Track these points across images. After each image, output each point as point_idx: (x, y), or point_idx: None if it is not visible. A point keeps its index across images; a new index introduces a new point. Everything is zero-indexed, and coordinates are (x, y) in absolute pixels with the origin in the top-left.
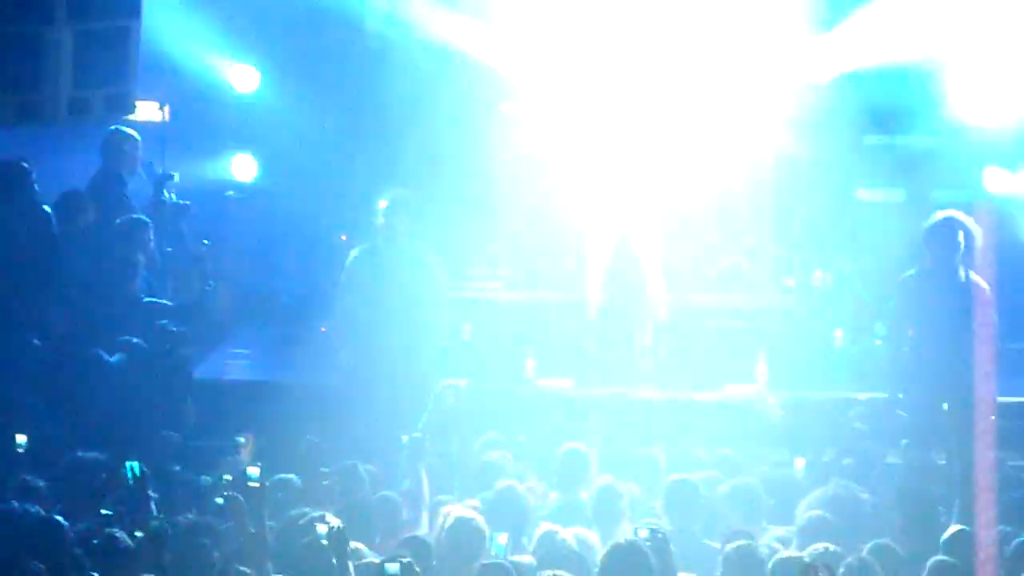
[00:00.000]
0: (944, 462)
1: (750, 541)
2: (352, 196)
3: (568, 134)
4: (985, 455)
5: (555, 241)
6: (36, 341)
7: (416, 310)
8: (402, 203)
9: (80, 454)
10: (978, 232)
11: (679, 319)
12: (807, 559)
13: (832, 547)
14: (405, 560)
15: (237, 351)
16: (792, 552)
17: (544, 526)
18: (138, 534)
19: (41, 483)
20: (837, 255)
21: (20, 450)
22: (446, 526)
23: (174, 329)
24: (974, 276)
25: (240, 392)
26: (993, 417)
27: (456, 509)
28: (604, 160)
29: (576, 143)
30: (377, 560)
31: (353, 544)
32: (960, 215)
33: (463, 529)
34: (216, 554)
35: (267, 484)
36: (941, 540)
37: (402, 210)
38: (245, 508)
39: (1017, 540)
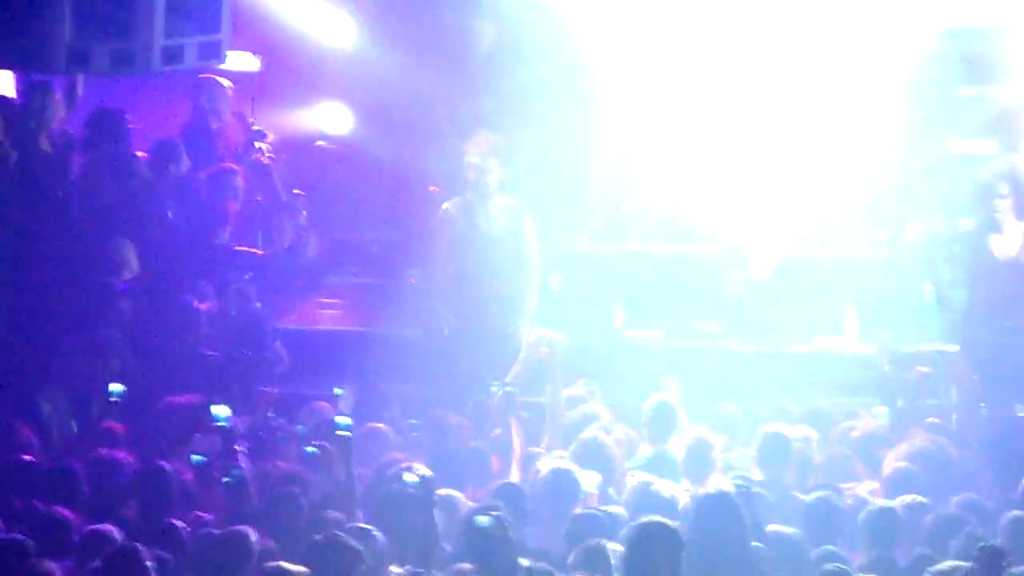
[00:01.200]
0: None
1: (830, 492)
2: (443, 148)
3: (660, 85)
4: None
5: (645, 192)
6: (122, 285)
7: (508, 271)
8: (492, 154)
9: (170, 399)
10: None
11: (769, 271)
12: (899, 510)
13: (921, 499)
14: (495, 512)
15: (328, 301)
16: (882, 502)
17: (637, 476)
18: (226, 479)
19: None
20: (929, 208)
21: (115, 399)
22: (541, 476)
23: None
24: None
25: (332, 342)
26: None
27: (551, 460)
28: (694, 108)
29: (668, 94)
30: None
31: (447, 491)
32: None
33: (558, 479)
34: (304, 501)
35: (356, 433)
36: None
37: (492, 163)
38: (335, 456)
39: None
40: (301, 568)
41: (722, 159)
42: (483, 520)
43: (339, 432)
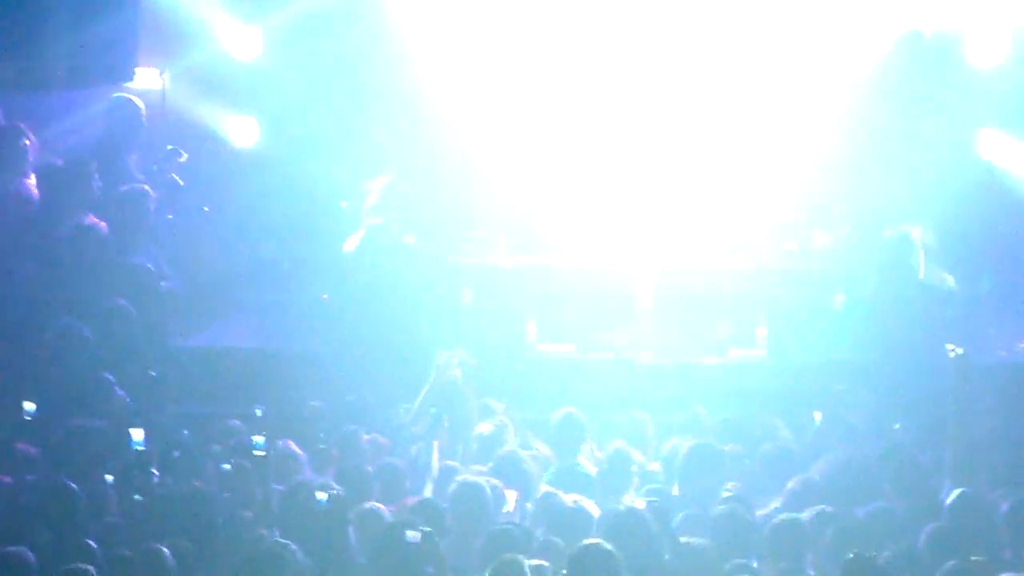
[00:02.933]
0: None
1: (739, 504)
2: (353, 162)
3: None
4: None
5: (556, 205)
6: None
7: (415, 291)
8: (391, 196)
9: (78, 423)
10: None
11: (679, 283)
12: (805, 520)
13: (827, 508)
14: (426, 528)
15: (238, 318)
16: (788, 514)
17: (543, 489)
18: (137, 497)
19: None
20: (838, 217)
21: (28, 418)
22: (456, 492)
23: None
24: None
25: (242, 359)
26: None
27: (466, 475)
28: (602, 120)
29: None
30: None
31: (372, 504)
32: None
33: (470, 494)
34: (220, 520)
35: (271, 452)
36: (946, 504)
37: (392, 205)
38: (251, 475)
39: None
40: None
41: (631, 172)
42: (414, 535)
43: (256, 452)
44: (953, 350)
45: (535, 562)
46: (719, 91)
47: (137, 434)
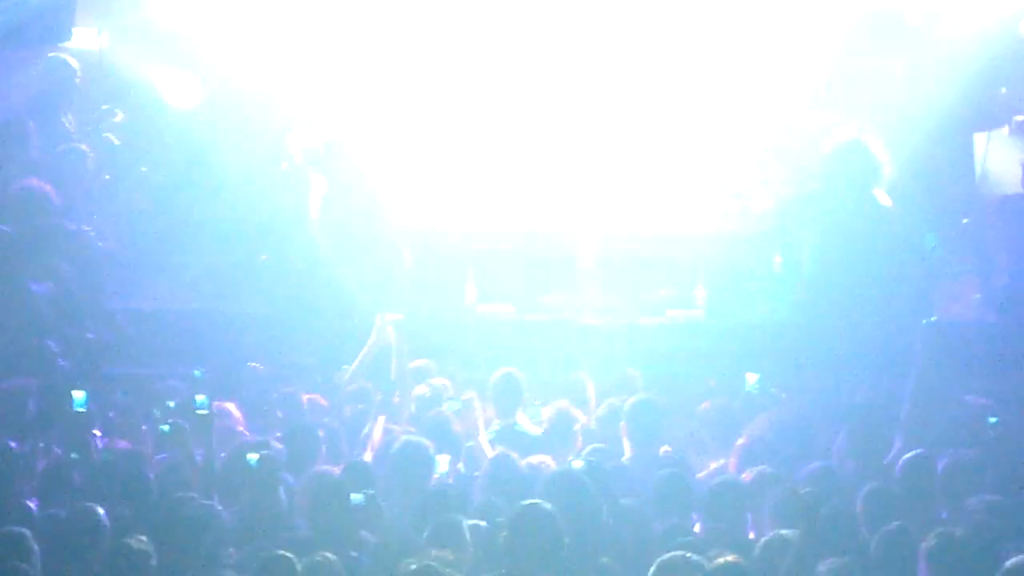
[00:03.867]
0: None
1: (676, 466)
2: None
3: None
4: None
5: (496, 167)
6: None
7: (360, 250)
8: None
9: (16, 383)
10: None
11: (618, 244)
12: (746, 481)
13: (768, 469)
14: (370, 492)
15: (176, 279)
16: (728, 475)
17: (497, 449)
18: (74, 456)
19: None
20: (777, 181)
21: None
22: (394, 450)
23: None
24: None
25: (182, 320)
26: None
27: (404, 434)
28: (542, 82)
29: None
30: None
31: (324, 468)
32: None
33: (408, 453)
34: (154, 480)
35: (212, 412)
36: (897, 465)
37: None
38: (190, 436)
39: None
40: (145, 545)
41: (570, 135)
42: (358, 498)
43: (198, 411)
44: (927, 319)
45: (473, 522)
46: (659, 54)
47: (78, 395)
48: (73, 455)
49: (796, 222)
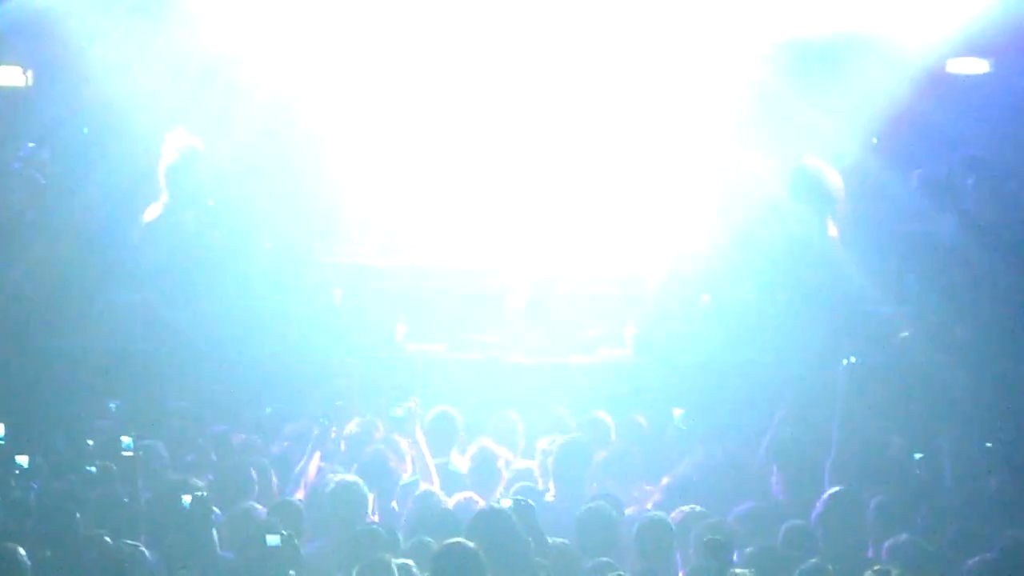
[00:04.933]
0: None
1: (604, 503)
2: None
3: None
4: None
5: (426, 205)
6: None
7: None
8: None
9: None
10: None
11: (549, 283)
12: (673, 520)
13: (698, 508)
14: (286, 533)
15: (106, 318)
16: (655, 513)
17: (422, 487)
18: None
19: None
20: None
21: None
22: (328, 490)
23: None
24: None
25: (107, 359)
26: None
27: (338, 474)
28: (473, 119)
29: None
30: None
31: (247, 504)
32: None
33: (345, 493)
34: (79, 519)
35: (139, 452)
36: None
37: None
38: (117, 476)
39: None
40: None
41: (502, 172)
42: (273, 540)
43: (124, 452)
44: (848, 360)
45: (402, 561)
46: (592, 95)
47: None
48: None
49: (738, 255)
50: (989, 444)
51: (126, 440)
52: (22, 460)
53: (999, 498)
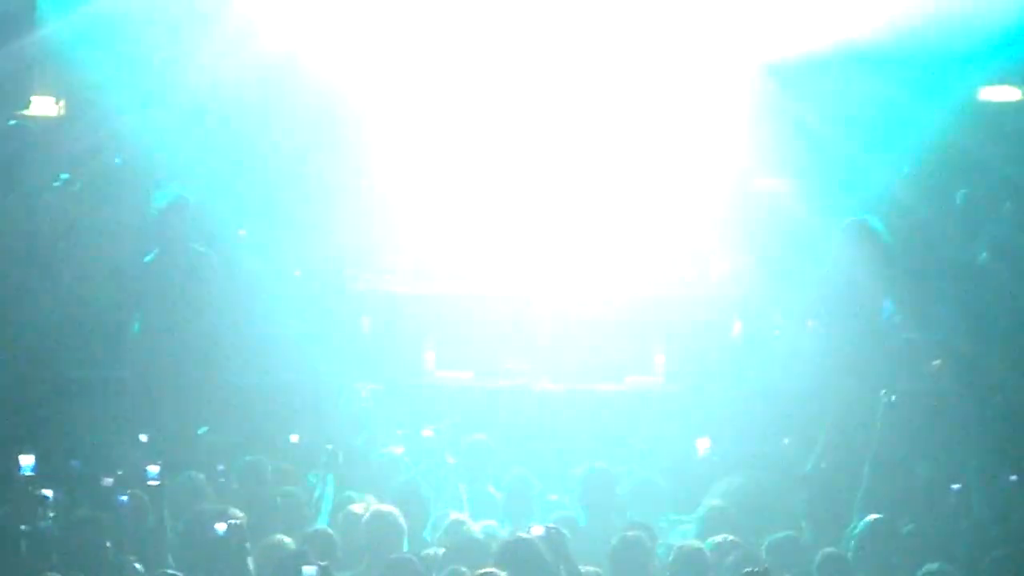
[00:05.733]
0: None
1: (639, 531)
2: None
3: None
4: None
5: (454, 232)
6: None
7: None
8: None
9: None
10: None
11: (577, 309)
12: (708, 549)
13: (732, 537)
14: (324, 563)
15: (136, 347)
16: (691, 542)
17: (452, 515)
18: (23, 527)
19: None
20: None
21: None
22: (362, 520)
23: None
24: None
25: (140, 388)
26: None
27: (373, 504)
28: (500, 146)
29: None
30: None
31: (277, 536)
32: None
33: (379, 523)
34: (110, 548)
35: (167, 481)
36: (854, 532)
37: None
38: (146, 505)
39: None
40: None
41: (529, 199)
42: (310, 571)
43: (150, 481)
44: (887, 395)
45: None
46: (618, 119)
47: (26, 460)
48: (24, 528)
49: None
50: (1014, 477)
51: (152, 470)
52: (48, 492)
53: None
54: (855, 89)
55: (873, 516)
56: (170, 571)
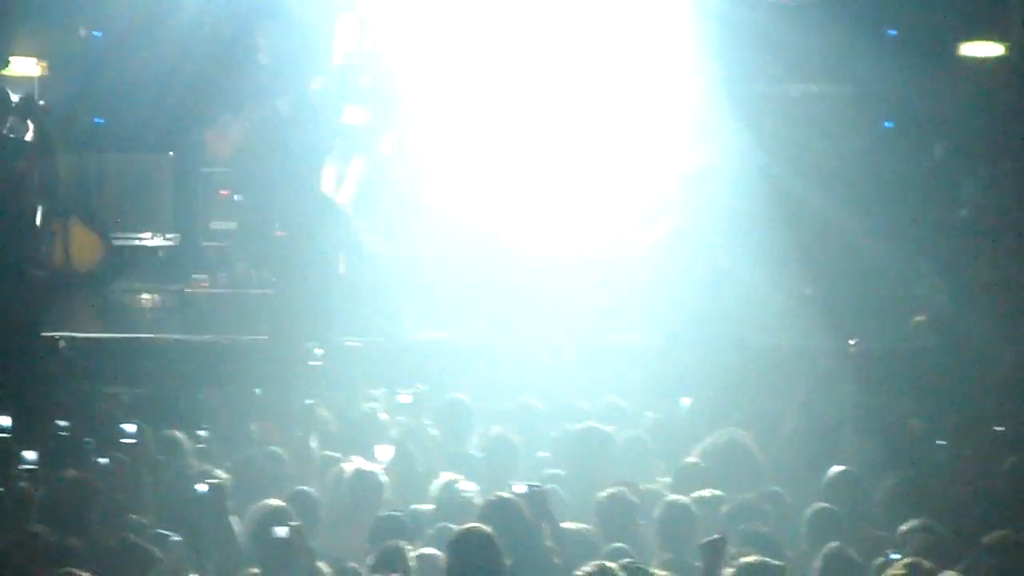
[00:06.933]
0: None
1: (621, 488)
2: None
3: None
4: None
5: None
6: None
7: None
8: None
9: None
10: None
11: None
12: (692, 505)
13: (716, 492)
14: (294, 523)
15: (120, 306)
16: (678, 498)
17: (443, 476)
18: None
19: None
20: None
21: None
22: (344, 479)
23: None
24: None
25: (129, 349)
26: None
27: (355, 463)
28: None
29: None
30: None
31: (266, 502)
32: None
33: (363, 481)
34: (95, 509)
35: (148, 441)
36: (823, 483)
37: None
38: (127, 465)
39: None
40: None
41: (506, 160)
42: (281, 532)
43: (125, 440)
44: (854, 343)
45: (427, 551)
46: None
47: (4, 421)
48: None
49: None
50: (999, 428)
51: (130, 429)
52: (29, 454)
53: (1012, 479)
54: (834, 42)
55: (838, 468)
56: (160, 530)
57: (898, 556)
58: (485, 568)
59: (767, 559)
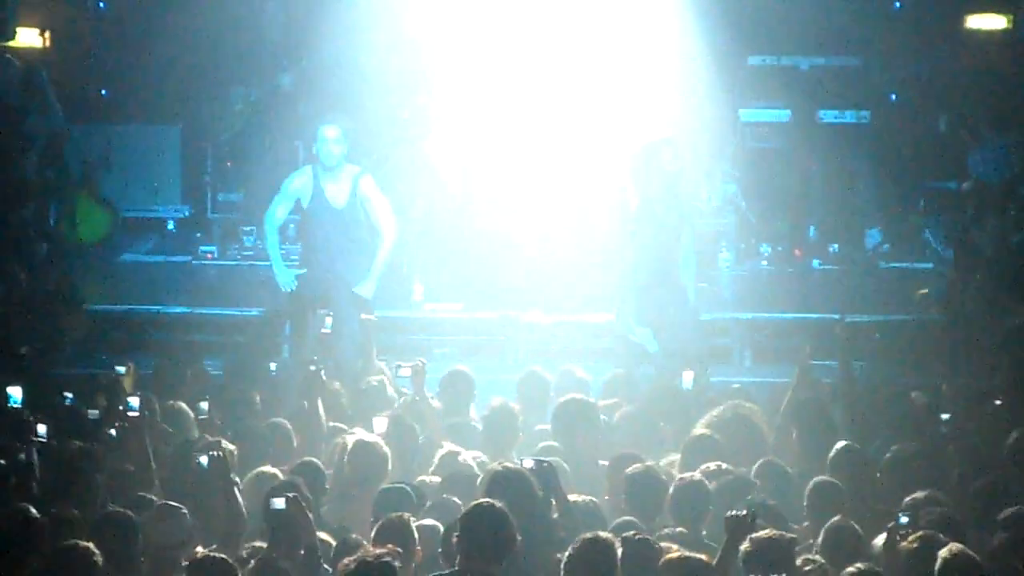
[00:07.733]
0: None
1: (649, 464)
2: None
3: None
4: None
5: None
6: None
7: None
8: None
9: None
10: None
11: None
12: (708, 482)
13: (723, 465)
14: (292, 494)
15: (128, 279)
16: (690, 475)
17: (446, 447)
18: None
19: None
20: (721, 177)
21: None
22: (347, 450)
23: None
24: None
25: (131, 320)
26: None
27: (357, 434)
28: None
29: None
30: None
31: (262, 470)
32: None
33: (364, 453)
34: (99, 479)
35: (150, 413)
36: (828, 458)
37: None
38: (131, 437)
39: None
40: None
41: (510, 140)
42: (279, 503)
43: (130, 413)
44: (841, 318)
45: (428, 522)
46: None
47: (14, 392)
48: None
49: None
50: (999, 401)
51: (133, 402)
52: (41, 428)
53: (1016, 453)
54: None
55: (841, 443)
56: (169, 503)
57: (907, 519)
58: (497, 544)
59: (780, 532)
